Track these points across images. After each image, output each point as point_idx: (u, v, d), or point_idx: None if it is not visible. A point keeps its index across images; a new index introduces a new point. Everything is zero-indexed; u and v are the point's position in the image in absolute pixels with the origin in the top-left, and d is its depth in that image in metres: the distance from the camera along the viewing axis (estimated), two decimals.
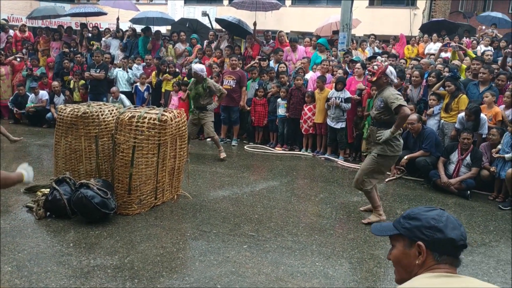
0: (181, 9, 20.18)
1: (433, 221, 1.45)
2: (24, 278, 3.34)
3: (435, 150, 6.33)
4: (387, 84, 4.54)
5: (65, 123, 5.02)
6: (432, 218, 1.46)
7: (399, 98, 4.39)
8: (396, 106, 4.35)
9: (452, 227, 1.44)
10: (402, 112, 4.34)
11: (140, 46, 10.87)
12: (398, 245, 1.52)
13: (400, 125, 4.48)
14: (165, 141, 4.76)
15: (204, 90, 7.08)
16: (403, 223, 1.51)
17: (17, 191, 5.25)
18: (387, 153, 4.56)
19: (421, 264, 1.44)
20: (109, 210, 4.38)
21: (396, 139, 4.56)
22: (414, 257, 1.46)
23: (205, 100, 7.20)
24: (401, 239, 1.51)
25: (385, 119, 4.55)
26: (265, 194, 5.59)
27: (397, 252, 1.52)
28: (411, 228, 1.48)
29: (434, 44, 10.31)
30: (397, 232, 1.52)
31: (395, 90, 4.56)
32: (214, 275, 3.49)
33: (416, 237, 1.46)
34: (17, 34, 12.08)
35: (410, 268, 1.46)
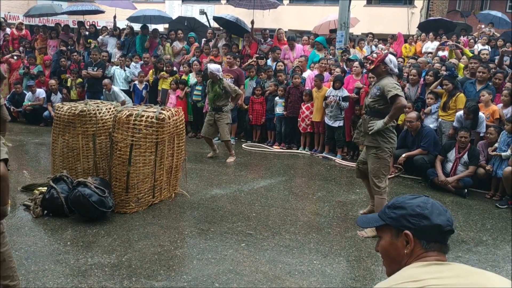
0: (179, 7, 20.14)
1: (419, 208, 1.43)
2: (21, 277, 3.31)
3: (433, 149, 6.35)
4: (386, 73, 4.30)
5: (62, 121, 5.01)
6: (417, 206, 1.43)
7: (397, 87, 4.15)
8: (392, 95, 4.11)
9: (437, 213, 1.42)
10: (398, 102, 4.10)
11: (138, 44, 10.84)
12: (385, 236, 1.49)
13: (394, 115, 4.23)
14: (162, 140, 4.75)
15: (221, 90, 6.94)
16: (388, 213, 1.48)
17: (14, 190, 5.24)
18: (380, 144, 4.29)
19: (410, 253, 1.42)
20: (107, 209, 4.37)
21: (389, 130, 4.30)
22: (402, 247, 1.43)
23: (222, 101, 7.06)
24: (388, 229, 1.48)
25: (379, 108, 4.28)
26: (263, 193, 5.59)
27: (384, 243, 1.49)
28: (397, 217, 1.45)
29: (432, 43, 10.33)
30: (383, 222, 1.49)
31: (394, 80, 4.31)
32: (212, 273, 3.49)
33: (402, 226, 1.43)
34: (14, 32, 12.03)
35: (399, 258, 1.44)
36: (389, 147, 4.31)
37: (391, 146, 4.34)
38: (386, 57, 4.29)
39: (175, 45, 10.56)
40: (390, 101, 4.16)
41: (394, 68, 4.31)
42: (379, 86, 4.25)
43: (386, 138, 4.29)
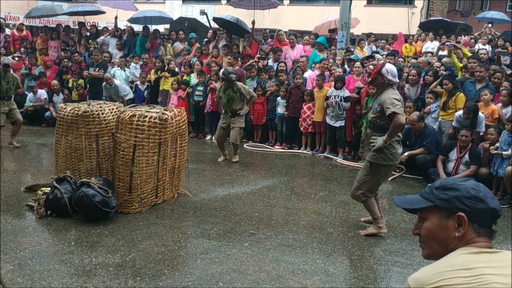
0: (179, 8, 20.15)
1: (473, 191, 1.37)
2: (26, 277, 3.35)
3: (435, 149, 6.37)
4: (385, 85, 4.08)
5: (65, 122, 5.03)
6: (471, 188, 1.38)
7: (396, 103, 3.92)
8: (390, 113, 3.92)
9: (491, 197, 1.39)
10: (395, 120, 3.89)
11: (138, 45, 10.87)
12: (432, 218, 1.42)
13: (392, 134, 3.99)
14: (165, 140, 4.77)
15: (235, 93, 6.82)
16: (437, 194, 1.42)
17: (18, 191, 5.26)
18: (379, 161, 4.08)
19: (461, 237, 1.36)
20: (110, 209, 4.39)
21: (391, 146, 4.07)
22: (453, 229, 1.36)
23: (238, 105, 6.90)
24: (436, 211, 1.41)
25: (382, 124, 4.10)
26: (265, 193, 5.61)
27: (430, 225, 1.42)
28: (449, 199, 1.38)
29: (432, 43, 10.36)
30: (431, 204, 1.42)
31: (394, 93, 4.05)
32: (216, 272, 3.51)
33: (456, 208, 1.36)
34: (14, 33, 12.05)
35: (448, 241, 1.38)
36: (389, 163, 4.10)
37: (391, 163, 4.12)
38: (382, 68, 4.06)
39: (176, 45, 10.58)
40: (388, 118, 4.00)
41: (393, 78, 4.07)
42: (379, 101, 4.09)
43: (386, 156, 4.07)
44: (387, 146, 4.01)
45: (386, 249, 4.11)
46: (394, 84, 4.10)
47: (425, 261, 2.02)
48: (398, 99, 3.97)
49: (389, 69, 4.04)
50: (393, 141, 4.05)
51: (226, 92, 6.87)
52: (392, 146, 4.06)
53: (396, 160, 4.14)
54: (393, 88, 4.09)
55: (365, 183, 4.19)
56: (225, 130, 7.03)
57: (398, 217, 4.97)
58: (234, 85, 6.83)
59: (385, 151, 4.05)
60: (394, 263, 3.82)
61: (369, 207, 4.30)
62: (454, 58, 7.87)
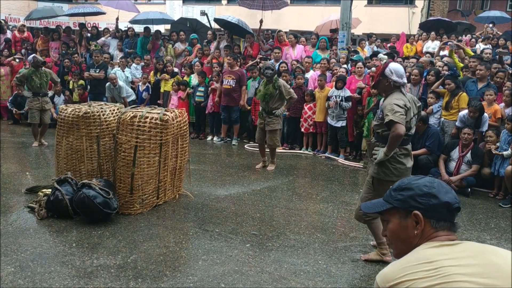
0: (180, 9, 20.16)
1: (426, 188, 1.42)
2: (27, 279, 3.34)
3: (437, 150, 6.36)
4: (391, 88, 3.55)
5: (66, 123, 5.02)
6: (424, 185, 1.43)
7: (396, 110, 3.37)
8: (387, 121, 3.41)
9: (445, 191, 1.42)
10: (393, 130, 3.36)
11: (138, 46, 10.86)
12: (393, 219, 1.48)
13: (391, 146, 3.44)
14: (166, 141, 4.76)
15: (275, 90, 6.39)
16: (394, 195, 1.47)
17: (19, 192, 5.25)
18: (380, 176, 3.57)
19: (420, 234, 1.41)
20: (111, 210, 4.38)
21: (396, 160, 3.53)
22: (412, 227, 1.42)
23: (275, 103, 6.46)
24: (396, 212, 1.47)
25: (385, 134, 3.55)
26: (266, 193, 5.59)
27: (393, 226, 1.48)
28: (405, 199, 1.44)
29: (432, 43, 10.34)
30: (390, 206, 1.48)
31: (399, 98, 3.49)
32: (218, 274, 3.49)
33: (411, 207, 1.42)
34: (16, 35, 12.06)
35: (410, 239, 1.43)
36: (393, 179, 3.43)
37: (396, 179, 3.31)
38: (386, 69, 3.55)
39: (177, 46, 10.58)
40: (386, 127, 3.47)
41: (400, 79, 3.52)
42: (382, 107, 3.62)
43: (390, 170, 3.55)
44: (390, 160, 3.51)
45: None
46: (402, 85, 3.56)
47: None
48: (401, 105, 3.42)
49: (394, 69, 3.53)
50: (399, 154, 3.53)
51: (266, 87, 6.49)
52: (396, 160, 3.53)
53: (403, 176, 3.37)
54: (401, 91, 3.55)
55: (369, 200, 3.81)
56: (264, 131, 6.62)
57: None
58: (275, 81, 6.41)
59: (389, 165, 3.53)
60: None
61: (373, 230, 3.77)
62: (455, 58, 7.85)
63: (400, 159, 3.54)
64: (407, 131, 3.48)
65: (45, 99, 7.84)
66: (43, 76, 7.76)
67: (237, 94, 8.44)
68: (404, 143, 3.56)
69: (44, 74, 7.81)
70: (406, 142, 3.58)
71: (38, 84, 7.69)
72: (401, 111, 3.38)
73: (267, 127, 6.51)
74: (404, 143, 3.55)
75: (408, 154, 3.61)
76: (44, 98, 7.80)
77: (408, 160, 3.61)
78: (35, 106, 7.64)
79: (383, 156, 3.48)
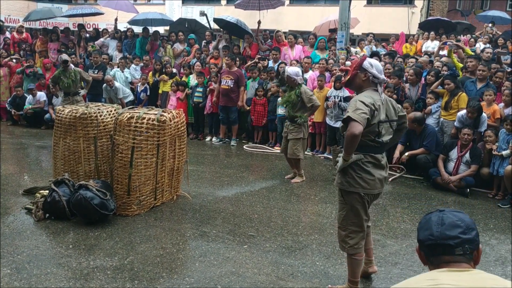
0: (179, 9, 20.16)
1: (419, 224, 1.63)
2: (23, 280, 3.33)
3: (435, 149, 6.34)
4: (368, 84, 3.08)
5: (63, 124, 5.01)
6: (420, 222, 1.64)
7: (358, 107, 2.88)
8: (344, 118, 2.95)
9: (425, 228, 1.57)
10: (349, 128, 2.86)
11: (137, 47, 10.85)
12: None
13: (347, 148, 2.93)
14: (164, 142, 4.74)
15: (297, 97, 5.94)
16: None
17: (16, 193, 5.24)
18: (344, 186, 3.07)
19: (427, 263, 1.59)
20: (109, 211, 4.37)
21: (360, 168, 3.02)
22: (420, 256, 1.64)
23: (297, 111, 6.01)
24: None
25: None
26: (264, 194, 5.58)
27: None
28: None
29: (432, 42, 10.33)
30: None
31: (370, 95, 3.01)
32: (215, 275, 3.48)
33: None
34: (14, 36, 12.05)
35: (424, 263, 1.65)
36: (359, 191, 3.03)
37: (363, 191, 3.03)
38: (364, 61, 3.10)
39: (176, 47, 10.57)
40: (343, 124, 3.01)
41: (379, 74, 3.07)
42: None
43: (354, 179, 3.03)
44: (354, 167, 3.02)
45: (386, 250, 4.08)
46: (380, 83, 3.10)
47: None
48: (367, 103, 2.92)
49: (373, 63, 3.09)
50: (364, 161, 3.03)
51: (288, 93, 6.11)
52: (361, 168, 3.02)
53: (370, 188, 3.05)
54: (377, 89, 3.08)
55: (344, 219, 3.13)
56: (287, 140, 6.18)
57: (399, 218, 4.94)
58: (297, 88, 5.97)
59: (352, 173, 3.04)
60: (394, 265, 3.79)
61: (353, 264, 3.21)
62: (454, 58, 7.83)
63: (366, 168, 3.03)
64: (377, 137, 3.03)
65: (76, 98, 7.95)
66: (71, 75, 7.88)
67: (235, 94, 8.42)
68: (373, 151, 3.06)
69: (73, 73, 7.93)
70: (375, 150, 3.06)
71: (66, 84, 7.82)
72: (364, 109, 2.88)
73: (289, 136, 6.13)
74: (373, 150, 3.06)
75: (378, 164, 3.08)
76: (75, 97, 7.93)
77: (377, 171, 3.07)
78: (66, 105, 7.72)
79: (342, 162, 3.01)
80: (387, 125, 3.10)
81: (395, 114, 3.17)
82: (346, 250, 3.18)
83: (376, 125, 2.99)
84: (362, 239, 3.15)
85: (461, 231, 1.55)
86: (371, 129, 2.98)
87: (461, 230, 1.55)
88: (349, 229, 3.12)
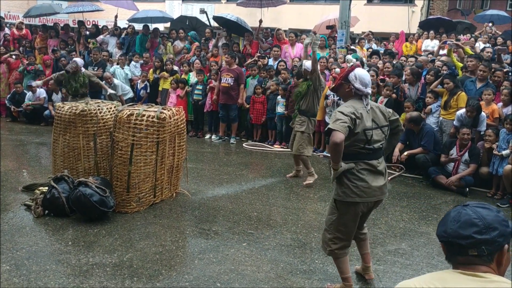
0: (179, 7, 20.12)
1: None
2: (22, 277, 3.33)
3: (433, 148, 6.35)
4: (352, 95, 3.08)
5: (63, 121, 5.01)
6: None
7: (338, 118, 2.90)
8: (326, 130, 3.07)
9: (442, 224, 1.48)
10: (330, 137, 2.89)
11: (137, 44, 10.83)
12: None
13: (332, 157, 2.98)
14: (163, 139, 4.74)
15: (307, 88, 5.78)
16: None
17: (15, 190, 5.24)
18: (341, 197, 3.07)
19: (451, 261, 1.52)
20: (108, 208, 4.37)
21: (355, 177, 3.01)
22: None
23: (306, 104, 5.80)
24: None
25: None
26: (264, 192, 5.58)
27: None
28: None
29: (432, 41, 10.32)
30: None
31: (351, 105, 3.02)
32: (214, 273, 3.48)
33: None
34: (14, 32, 12.02)
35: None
36: (356, 200, 3.04)
37: (360, 200, 3.04)
38: (350, 73, 3.07)
39: (176, 44, 10.55)
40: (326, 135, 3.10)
41: (363, 87, 3.04)
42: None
43: (349, 189, 3.03)
44: (349, 176, 3.02)
45: (385, 249, 4.08)
46: (364, 96, 3.06)
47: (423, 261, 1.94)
48: (346, 112, 2.94)
49: (359, 75, 3.06)
50: (359, 169, 3.01)
51: (301, 84, 5.94)
52: (356, 176, 3.01)
53: (367, 197, 3.04)
54: (361, 99, 3.06)
55: (332, 224, 3.15)
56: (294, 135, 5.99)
57: (398, 216, 4.94)
58: (309, 79, 5.78)
59: (348, 183, 3.02)
60: (393, 263, 3.80)
61: (337, 264, 3.27)
62: (453, 58, 7.83)
63: (360, 176, 3.01)
64: (367, 144, 3.00)
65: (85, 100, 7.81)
66: (80, 80, 7.91)
67: (235, 92, 8.42)
68: (366, 157, 3.03)
69: (81, 78, 7.95)
70: (368, 157, 3.04)
71: (74, 88, 7.85)
72: (344, 118, 2.90)
73: (294, 130, 5.95)
74: (366, 157, 3.03)
75: (374, 171, 3.05)
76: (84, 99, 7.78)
77: (373, 178, 3.04)
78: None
79: (334, 172, 3.03)
80: (379, 131, 3.07)
81: (384, 120, 3.14)
82: (326, 252, 3.23)
83: (362, 133, 2.98)
84: (345, 247, 3.19)
85: (476, 231, 1.38)
86: (358, 138, 2.98)
87: (477, 229, 1.38)
88: (335, 234, 3.15)
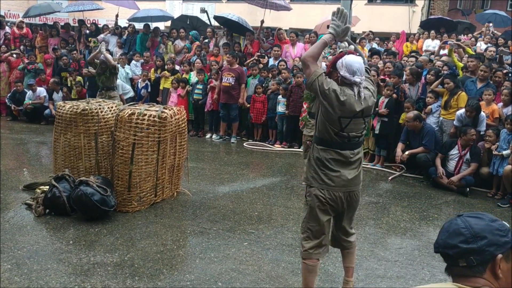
0: (180, 6, 20.11)
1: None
2: (24, 276, 3.33)
3: (434, 147, 6.35)
4: (342, 83, 2.80)
5: (64, 120, 5.01)
6: None
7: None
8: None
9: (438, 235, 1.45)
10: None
11: (138, 43, 10.83)
12: None
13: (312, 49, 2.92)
14: (165, 138, 4.74)
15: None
16: None
17: (16, 189, 5.24)
18: (308, 182, 2.93)
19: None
20: (109, 208, 4.37)
21: (323, 165, 2.83)
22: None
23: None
24: None
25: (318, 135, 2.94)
26: (265, 191, 5.58)
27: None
28: None
29: (432, 41, 10.32)
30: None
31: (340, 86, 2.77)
32: (215, 272, 3.49)
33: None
34: (15, 31, 12.01)
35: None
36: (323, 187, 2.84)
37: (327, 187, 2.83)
38: (337, 60, 2.84)
39: (177, 43, 10.55)
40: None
41: (350, 75, 2.75)
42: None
43: (318, 174, 2.86)
44: (318, 164, 2.85)
45: (386, 248, 4.09)
46: (354, 84, 2.76)
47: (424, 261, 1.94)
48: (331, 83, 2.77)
49: (346, 62, 2.78)
50: (328, 158, 2.82)
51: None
52: (324, 165, 2.83)
53: (335, 186, 2.83)
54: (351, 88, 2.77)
55: (304, 221, 2.99)
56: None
57: (398, 216, 4.94)
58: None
59: (316, 169, 2.86)
60: (394, 263, 3.80)
61: (304, 272, 3.02)
62: (454, 58, 7.83)
63: (329, 165, 2.82)
64: (340, 131, 2.79)
65: (110, 93, 7.72)
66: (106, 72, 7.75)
67: (236, 91, 8.42)
68: (338, 146, 2.82)
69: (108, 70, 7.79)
70: (340, 146, 2.82)
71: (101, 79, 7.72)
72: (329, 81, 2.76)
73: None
74: (337, 146, 2.82)
75: (345, 161, 2.83)
76: (108, 92, 7.71)
77: (344, 169, 2.83)
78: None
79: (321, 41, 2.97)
80: (361, 121, 2.84)
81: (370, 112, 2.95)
82: (301, 255, 3.01)
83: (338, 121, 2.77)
84: (319, 247, 2.94)
85: (462, 240, 1.32)
86: (337, 126, 2.78)
87: (463, 238, 1.32)
88: (306, 232, 2.95)
